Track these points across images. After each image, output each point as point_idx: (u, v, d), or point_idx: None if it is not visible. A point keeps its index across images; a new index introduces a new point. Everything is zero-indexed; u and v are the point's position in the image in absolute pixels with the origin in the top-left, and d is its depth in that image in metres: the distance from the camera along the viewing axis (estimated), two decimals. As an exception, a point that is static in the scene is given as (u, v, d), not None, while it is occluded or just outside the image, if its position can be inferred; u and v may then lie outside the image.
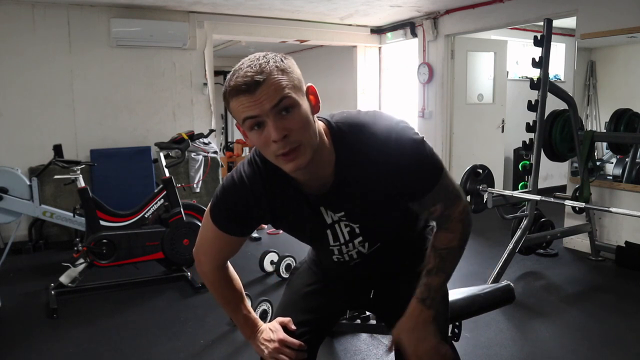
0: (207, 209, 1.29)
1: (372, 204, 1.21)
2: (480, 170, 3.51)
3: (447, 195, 1.21)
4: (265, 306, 2.82)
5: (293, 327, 1.37)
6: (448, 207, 1.23)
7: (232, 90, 1.04)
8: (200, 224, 3.51)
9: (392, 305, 1.40)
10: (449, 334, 1.68)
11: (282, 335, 1.34)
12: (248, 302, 1.43)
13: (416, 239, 1.45)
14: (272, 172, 1.18)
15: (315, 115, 1.12)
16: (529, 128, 3.65)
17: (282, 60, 1.06)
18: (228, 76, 1.08)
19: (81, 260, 3.26)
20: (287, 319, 1.38)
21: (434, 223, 1.31)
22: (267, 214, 1.25)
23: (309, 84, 1.12)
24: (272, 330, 1.36)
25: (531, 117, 3.65)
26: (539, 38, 3.59)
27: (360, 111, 1.20)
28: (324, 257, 1.43)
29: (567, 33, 6.08)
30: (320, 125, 1.14)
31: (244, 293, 1.42)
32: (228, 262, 1.40)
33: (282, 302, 1.53)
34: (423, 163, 1.16)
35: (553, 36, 3.63)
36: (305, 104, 1.08)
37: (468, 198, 3.42)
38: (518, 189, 4.10)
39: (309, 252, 1.59)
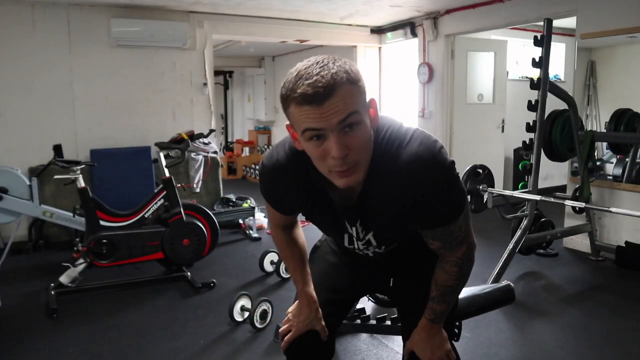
0: None
1: (389, 217, 1.19)
2: (480, 170, 3.50)
3: (448, 239, 1.20)
4: (265, 306, 2.81)
5: (324, 338, 1.44)
6: (446, 249, 1.22)
7: (297, 97, 0.96)
8: (200, 224, 3.55)
9: (410, 296, 1.44)
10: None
11: (298, 331, 1.40)
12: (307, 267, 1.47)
13: None
14: (313, 169, 1.12)
15: None
16: (529, 128, 3.66)
17: (351, 70, 0.99)
18: (290, 77, 0.99)
19: (81, 260, 3.26)
20: (322, 330, 1.43)
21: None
22: (303, 203, 1.26)
23: (372, 97, 1.06)
24: (299, 314, 1.41)
25: (531, 117, 3.65)
26: (539, 38, 3.59)
27: (403, 126, 1.14)
28: (344, 247, 1.45)
29: (567, 33, 6.08)
30: None
31: (304, 256, 1.46)
32: (296, 227, 1.49)
33: None
34: (441, 203, 1.12)
35: (553, 36, 3.63)
36: (367, 121, 1.03)
37: (468, 198, 3.42)
38: (518, 189, 4.10)
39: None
